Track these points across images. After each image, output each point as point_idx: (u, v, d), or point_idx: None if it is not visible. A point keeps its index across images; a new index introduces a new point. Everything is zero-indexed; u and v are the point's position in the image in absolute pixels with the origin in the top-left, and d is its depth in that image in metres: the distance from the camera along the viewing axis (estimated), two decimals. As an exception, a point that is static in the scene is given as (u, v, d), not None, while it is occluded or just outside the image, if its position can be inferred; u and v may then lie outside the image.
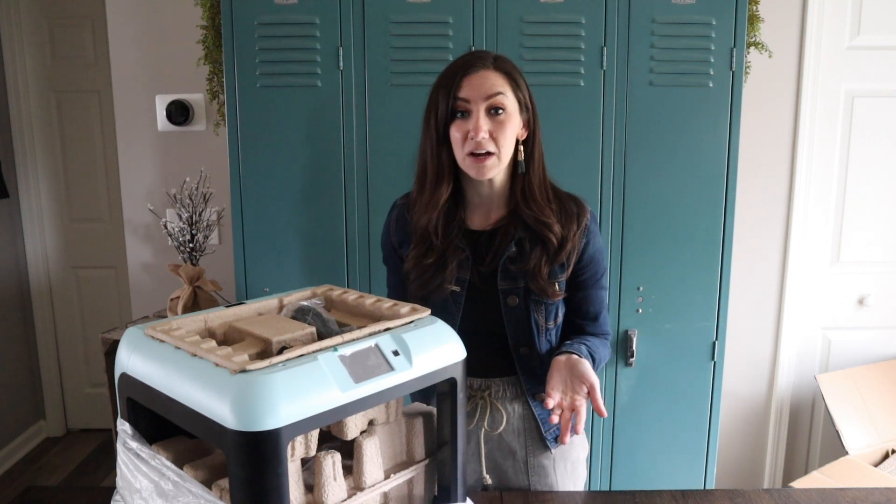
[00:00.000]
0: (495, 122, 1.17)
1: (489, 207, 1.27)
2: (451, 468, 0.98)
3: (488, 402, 1.28)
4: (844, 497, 1.19)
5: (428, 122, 1.21)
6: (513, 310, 1.24)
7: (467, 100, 1.16)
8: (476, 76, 1.16)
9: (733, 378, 2.49)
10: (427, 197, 1.23)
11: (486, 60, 1.19)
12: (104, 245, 3.26)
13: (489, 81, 1.16)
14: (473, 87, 1.16)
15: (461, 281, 1.24)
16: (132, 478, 0.88)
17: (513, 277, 1.23)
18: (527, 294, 1.23)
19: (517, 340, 1.26)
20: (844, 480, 2.07)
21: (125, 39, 2.40)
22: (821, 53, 2.34)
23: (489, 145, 1.16)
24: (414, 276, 1.25)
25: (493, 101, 1.16)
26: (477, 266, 1.25)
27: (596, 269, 1.28)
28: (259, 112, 1.89)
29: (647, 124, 1.89)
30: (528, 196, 1.23)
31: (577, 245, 1.24)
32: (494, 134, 1.16)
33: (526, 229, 1.23)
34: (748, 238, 2.42)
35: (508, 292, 1.24)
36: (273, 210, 1.94)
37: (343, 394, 0.79)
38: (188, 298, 2.06)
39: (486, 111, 1.16)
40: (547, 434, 1.29)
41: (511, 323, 1.25)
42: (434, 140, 1.20)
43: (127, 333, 0.92)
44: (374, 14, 1.85)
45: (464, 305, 1.25)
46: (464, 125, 1.17)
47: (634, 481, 2.03)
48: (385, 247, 1.36)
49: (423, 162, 1.24)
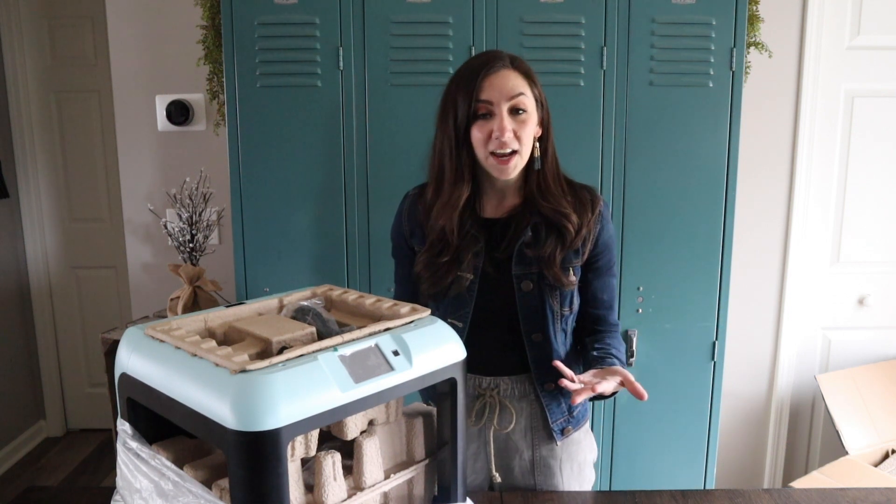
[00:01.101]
0: (517, 121, 1.18)
1: (503, 196, 1.28)
2: (451, 468, 0.98)
3: (497, 400, 1.28)
4: (844, 497, 1.19)
5: (445, 122, 1.21)
6: (526, 295, 1.24)
7: (490, 101, 1.16)
8: (497, 77, 1.17)
9: (733, 378, 2.49)
10: (446, 198, 1.22)
11: (505, 60, 1.19)
12: (104, 245, 3.26)
13: (510, 82, 1.17)
14: (495, 88, 1.16)
15: (475, 269, 1.24)
16: (132, 478, 0.88)
17: (527, 263, 1.23)
18: (541, 279, 1.23)
19: (530, 326, 1.25)
20: (844, 480, 2.06)
21: (125, 39, 2.40)
22: (821, 53, 2.34)
23: (513, 144, 1.17)
24: (426, 276, 1.25)
25: (515, 101, 1.17)
26: (491, 253, 1.25)
27: (610, 255, 1.30)
28: (259, 112, 1.89)
29: (647, 124, 1.89)
30: (544, 190, 1.24)
31: (593, 231, 1.25)
32: (517, 133, 1.17)
33: (540, 216, 1.23)
34: (748, 238, 2.42)
35: (522, 277, 1.24)
36: (273, 210, 1.94)
37: (343, 394, 0.79)
38: (188, 298, 2.06)
39: (509, 111, 1.17)
40: (554, 425, 1.29)
41: (525, 308, 1.25)
42: (454, 141, 1.20)
43: (127, 333, 0.92)
44: (374, 14, 1.85)
45: (476, 294, 1.25)
46: (486, 126, 1.17)
47: (634, 481, 2.03)
48: (395, 238, 1.37)
49: (439, 163, 1.23)
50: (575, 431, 1.32)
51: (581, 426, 1.34)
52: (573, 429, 1.32)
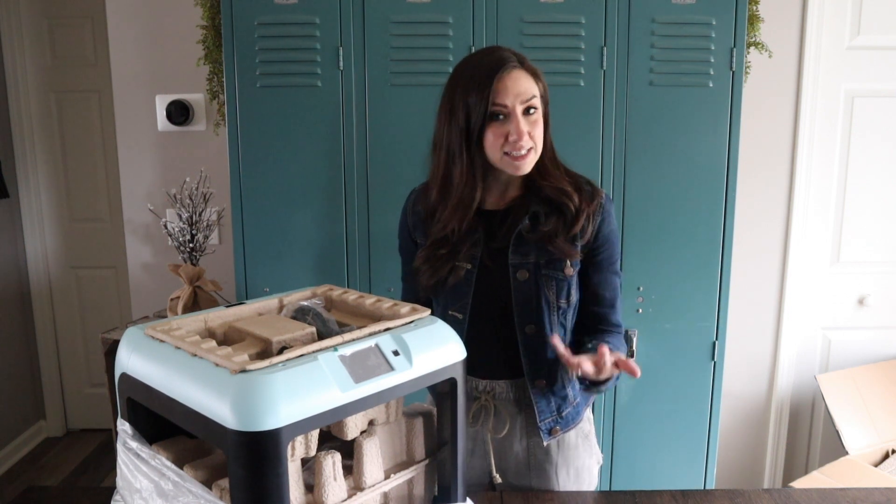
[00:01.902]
0: (530, 121, 1.18)
1: (505, 189, 1.27)
2: (451, 468, 0.98)
3: (492, 404, 1.28)
4: (844, 497, 1.19)
5: (453, 123, 1.18)
6: (522, 284, 1.23)
7: (504, 105, 1.16)
8: (509, 78, 1.16)
9: (733, 378, 2.49)
10: (456, 200, 1.20)
11: (513, 60, 1.18)
12: (104, 245, 3.26)
13: (523, 84, 1.17)
14: (510, 91, 1.16)
15: (472, 258, 1.24)
16: (132, 478, 0.88)
17: (524, 252, 1.22)
18: (537, 269, 1.23)
19: (524, 318, 1.24)
20: (844, 480, 2.06)
21: (125, 39, 2.40)
22: (821, 53, 2.34)
23: (529, 144, 1.18)
24: (425, 269, 1.25)
25: (529, 103, 1.17)
26: (488, 243, 1.25)
27: (612, 250, 1.29)
28: (259, 112, 1.89)
29: (647, 124, 1.89)
30: (543, 172, 1.24)
31: (594, 221, 1.24)
32: (531, 133, 1.18)
33: (541, 203, 1.23)
34: (748, 238, 2.42)
35: (519, 266, 1.23)
36: (273, 210, 1.94)
37: (343, 394, 0.79)
38: (188, 298, 2.06)
39: (522, 112, 1.17)
40: (541, 424, 1.27)
41: (519, 298, 1.24)
42: (465, 143, 1.18)
43: (127, 333, 0.92)
44: (374, 14, 1.85)
45: (475, 285, 1.24)
46: (501, 128, 1.16)
47: (634, 481, 2.03)
48: (402, 233, 1.37)
49: (446, 165, 1.21)
50: (564, 432, 1.30)
51: (571, 428, 1.32)
52: (561, 430, 1.29)
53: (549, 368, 1.27)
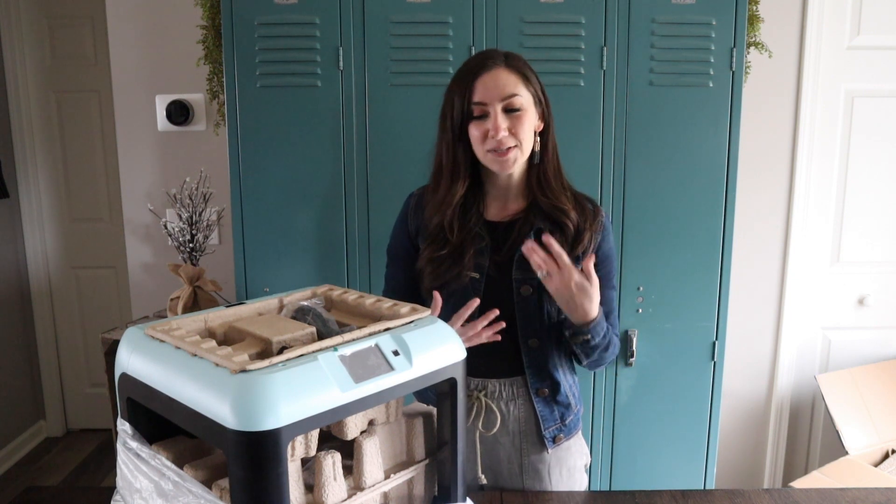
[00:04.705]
0: (512, 118, 1.19)
1: (506, 199, 1.29)
2: (451, 468, 0.98)
3: (483, 402, 1.28)
4: (844, 497, 1.19)
5: (444, 122, 1.24)
6: (525, 300, 1.25)
7: (483, 102, 1.18)
8: (489, 76, 1.18)
9: (733, 378, 2.49)
10: (442, 195, 1.24)
11: (498, 59, 1.20)
12: (104, 245, 3.26)
13: (502, 82, 1.18)
14: (488, 88, 1.18)
15: (480, 268, 1.25)
16: (132, 478, 0.88)
17: (527, 267, 1.23)
18: (540, 285, 1.23)
19: (527, 332, 1.26)
20: (844, 480, 2.07)
21: (125, 39, 2.40)
22: (821, 53, 2.34)
23: (510, 141, 1.19)
24: (428, 270, 1.26)
25: (508, 102, 1.18)
26: (493, 256, 1.26)
27: (609, 267, 1.30)
28: (259, 112, 1.89)
29: (647, 124, 1.89)
30: (543, 184, 1.25)
31: (595, 240, 1.26)
32: (513, 130, 1.19)
33: (544, 220, 1.24)
34: (748, 238, 2.42)
35: (522, 281, 1.25)
36: (273, 210, 1.94)
37: (343, 394, 0.79)
38: (188, 298, 2.06)
39: (503, 110, 1.18)
40: (546, 432, 1.29)
41: (522, 313, 1.25)
42: (450, 139, 1.22)
43: (127, 333, 0.92)
44: (374, 14, 1.85)
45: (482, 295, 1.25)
46: (482, 125, 1.19)
47: (634, 481, 2.03)
48: (397, 236, 1.37)
49: (438, 161, 1.26)
50: (566, 440, 1.32)
51: (573, 435, 1.33)
52: (565, 437, 1.31)
53: (552, 380, 1.28)
